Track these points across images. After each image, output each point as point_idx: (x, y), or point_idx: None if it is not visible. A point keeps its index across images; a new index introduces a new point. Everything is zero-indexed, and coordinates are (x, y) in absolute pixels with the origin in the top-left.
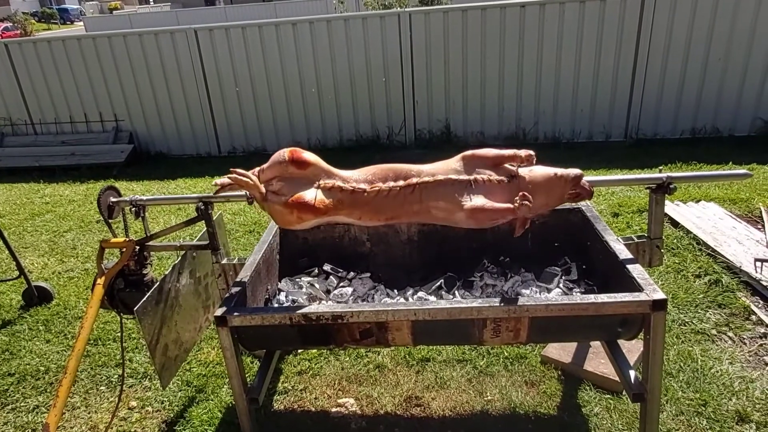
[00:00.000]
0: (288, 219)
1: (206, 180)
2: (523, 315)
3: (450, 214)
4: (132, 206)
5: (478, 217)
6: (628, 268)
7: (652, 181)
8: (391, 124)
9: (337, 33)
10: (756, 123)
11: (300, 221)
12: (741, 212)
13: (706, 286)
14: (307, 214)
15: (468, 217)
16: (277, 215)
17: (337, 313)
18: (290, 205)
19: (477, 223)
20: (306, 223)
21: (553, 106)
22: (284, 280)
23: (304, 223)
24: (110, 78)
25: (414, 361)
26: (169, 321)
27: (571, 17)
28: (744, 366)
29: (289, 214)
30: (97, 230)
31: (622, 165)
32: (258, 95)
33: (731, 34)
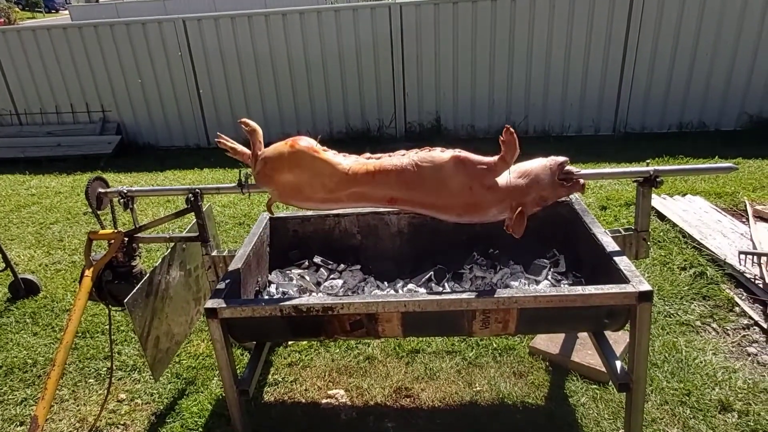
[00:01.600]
0: (281, 152)
1: (195, 172)
2: (511, 306)
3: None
4: (121, 197)
5: (464, 162)
6: (615, 260)
7: (640, 175)
8: (382, 116)
9: (327, 23)
10: (742, 118)
11: (293, 156)
12: (726, 206)
13: (691, 279)
14: (300, 145)
15: (455, 163)
16: (271, 160)
17: (327, 305)
18: (284, 144)
19: (466, 175)
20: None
21: (543, 100)
22: (275, 272)
23: (300, 195)
24: (97, 68)
25: (404, 353)
26: (160, 313)
27: (561, 11)
28: (727, 356)
29: (282, 145)
30: (84, 222)
31: (610, 158)
32: (248, 87)
33: (719, 29)
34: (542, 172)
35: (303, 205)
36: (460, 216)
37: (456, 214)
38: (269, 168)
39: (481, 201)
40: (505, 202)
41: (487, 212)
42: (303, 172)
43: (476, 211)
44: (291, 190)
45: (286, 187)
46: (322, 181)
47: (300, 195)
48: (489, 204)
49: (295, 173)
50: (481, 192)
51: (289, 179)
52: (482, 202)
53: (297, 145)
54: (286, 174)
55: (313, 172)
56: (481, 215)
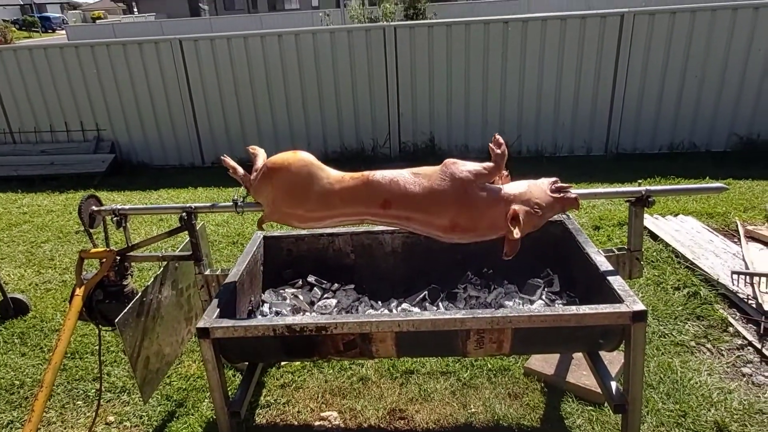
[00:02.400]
0: (284, 157)
1: (189, 190)
2: (506, 326)
3: None
4: (114, 216)
5: (456, 164)
6: (609, 279)
7: (632, 195)
8: (376, 136)
9: (322, 45)
10: (732, 139)
11: (295, 160)
12: (718, 226)
13: (684, 299)
14: None
15: (448, 165)
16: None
17: (320, 325)
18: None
19: (460, 175)
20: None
21: (536, 120)
22: (268, 291)
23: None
24: (92, 87)
25: (398, 374)
26: (151, 333)
27: (552, 33)
28: (722, 377)
29: (285, 152)
30: (76, 241)
31: (603, 178)
32: (243, 106)
33: (707, 52)
34: (534, 185)
35: (296, 214)
36: (455, 224)
37: (449, 220)
38: (271, 172)
39: (475, 202)
40: (499, 206)
41: (482, 216)
42: (302, 176)
43: (471, 214)
44: (288, 195)
45: (284, 193)
46: (320, 183)
47: (295, 201)
48: (483, 205)
49: (294, 177)
50: (475, 193)
51: (288, 183)
52: (476, 204)
53: (299, 152)
54: (286, 177)
55: (312, 177)
56: (475, 220)
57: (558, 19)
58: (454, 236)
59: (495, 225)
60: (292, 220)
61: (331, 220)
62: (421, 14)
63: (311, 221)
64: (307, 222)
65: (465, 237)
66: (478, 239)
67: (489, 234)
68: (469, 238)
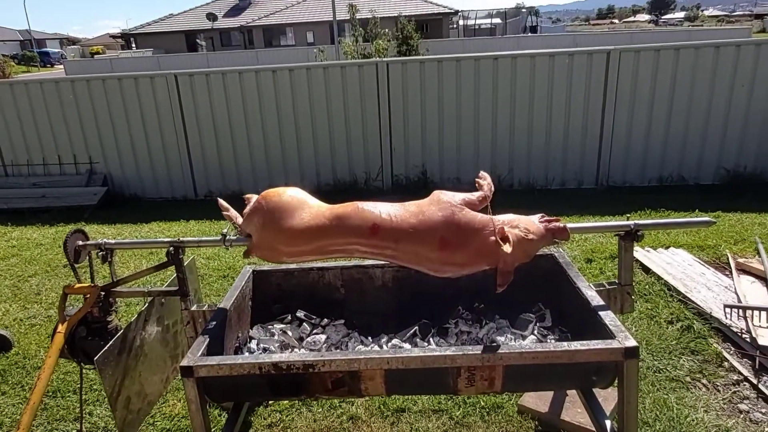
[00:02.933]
0: (277, 189)
1: (181, 224)
2: (497, 363)
3: None
4: (100, 250)
5: (445, 193)
6: (600, 314)
7: (621, 229)
8: (369, 169)
9: (316, 80)
10: (719, 172)
11: (288, 191)
12: (709, 258)
13: (678, 333)
14: None
15: (437, 193)
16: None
17: (308, 362)
18: None
19: (448, 200)
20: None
21: (527, 154)
22: (256, 327)
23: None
24: (87, 121)
25: (389, 412)
26: (133, 371)
27: (541, 69)
28: (719, 414)
29: None
30: (64, 275)
31: (594, 211)
32: (236, 140)
33: (692, 87)
34: (523, 216)
35: (284, 244)
36: (444, 244)
37: (439, 242)
38: (262, 201)
39: (464, 226)
40: (488, 230)
41: (472, 239)
42: (292, 204)
43: (460, 237)
44: (276, 224)
45: (273, 222)
46: (310, 211)
47: (284, 230)
48: (472, 229)
49: (284, 205)
50: (463, 217)
51: (277, 211)
52: (465, 227)
53: (290, 187)
54: (276, 205)
55: (302, 205)
56: (464, 243)
57: (547, 55)
58: (445, 267)
59: (485, 249)
60: (280, 249)
61: (319, 250)
62: (413, 50)
63: (299, 254)
64: (294, 254)
65: (455, 265)
66: (468, 268)
67: (479, 262)
68: (458, 265)
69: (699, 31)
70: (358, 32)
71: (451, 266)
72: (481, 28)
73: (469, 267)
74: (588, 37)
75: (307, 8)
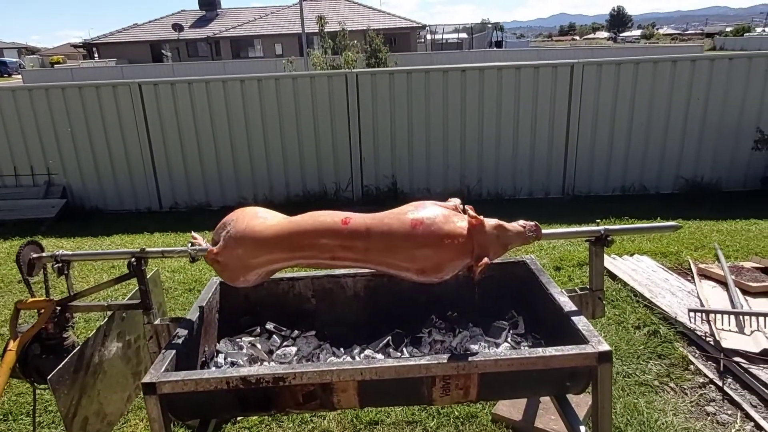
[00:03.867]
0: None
1: (145, 236)
2: (472, 371)
3: None
4: (55, 262)
5: None
6: (573, 320)
7: (591, 234)
8: (339, 179)
9: (285, 91)
10: (678, 181)
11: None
12: (672, 265)
13: (645, 337)
14: None
15: None
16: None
17: (278, 375)
18: None
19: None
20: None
21: (495, 164)
22: (223, 340)
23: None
24: (45, 131)
25: (362, 425)
26: (91, 390)
27: (508, 81)
28: (687, 417)
29: None
30: (18, 291)
31: (561, 220)
32: (203, 150)
33: (651, 100)
34: (500, 227)
35: (253, 248)
36: (416, 223)
37: (411, 227)
38: (228, 218)
39: (436, 213)
40: (460, 218)
41: (444, 224)
42: (257, 213)
43: (431, 222)
44: (243, 235)
45: (241, 232)
46: (275, 218)
47: (251, 228)
48: (444, 217)
49: (250, 213)
50: (435, 207)
51: (247, 217)
52: (437, 215)
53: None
54: (243, 216)
55: (267, 213)
56: (436, 226)
57: (513, 68)
58: (418, 254)
59: (460, 239)
60: (249, 256)
61: (289, 249)
62: (382, 63)
63: (267, 262)
64: (263, 263)
65: (428, 256)
66: (441, 262)
67: (452, 255)
68: (432, 254)
69: (655, 47)
70: (327, 44)
71: (423, 259)
72: (448, 42)
73: (442, 259)
74: (551, 51)
75: (276, 20)
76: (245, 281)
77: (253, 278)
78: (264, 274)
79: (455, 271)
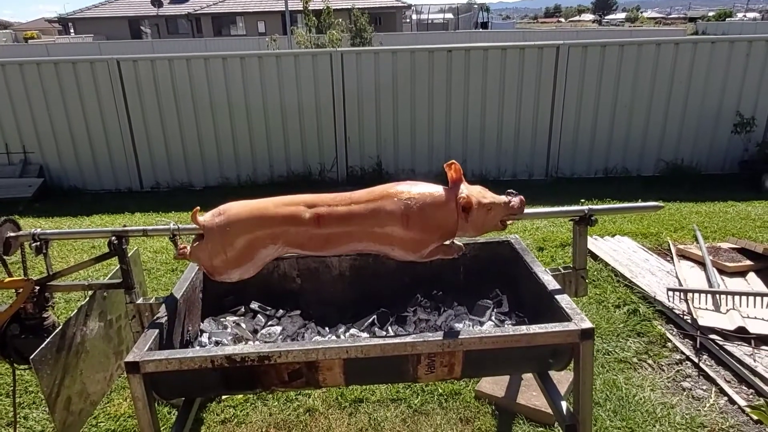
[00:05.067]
0: None
1: (125, 216)
2: (457, 348)
3: None
4: (33, 241)
5: None
6: (557, 298)
7: (575, 214)
8: (323, 160)
9: (269, 69)
10: (659, 164)
11: None
12: (652, 245)
13: (625, 316)
14: None
15: None
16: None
17: (263, 354)
18: None
19: None
20: None
21: (480, 146)
22: (207, 320)
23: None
24: (20, 108)
25: (347, 403)
26: (73, 370)
27: (493, 63)
28: (664, 392)
29: None
30: None
31: (544, 201)
32: (185, 129)
33: (635, 83)
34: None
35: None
36: (397, 188)
37: (394, 186)
38: (224, 211)
39: (420, 183)
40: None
41: (426, 187)
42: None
43: (418, 193)
44: (230, 211)
45: (226, 214)
46: (264, 202)
47: (236, 211)
48: (425, 185)
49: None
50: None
51: (232, 206)
52: (421, 183)
53: None
54: (230, 204)
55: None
56: (420, 187)
57: (499, 49)
58: (403, 229)
59: (441, 196)
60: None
61: (272, 225)
62: (367, 43)
63: (253, 241)
64: (247, 244)
65: (414, 217)
66: (427, 224)
67: (439, 214)
68: (418, 217)
69: (639, 30)
70: (311, 22)
71: (410, 217)
72: (434, 22)
73: (428, 221)
74: (537, 33)
75: None
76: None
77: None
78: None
79: (439, 229)
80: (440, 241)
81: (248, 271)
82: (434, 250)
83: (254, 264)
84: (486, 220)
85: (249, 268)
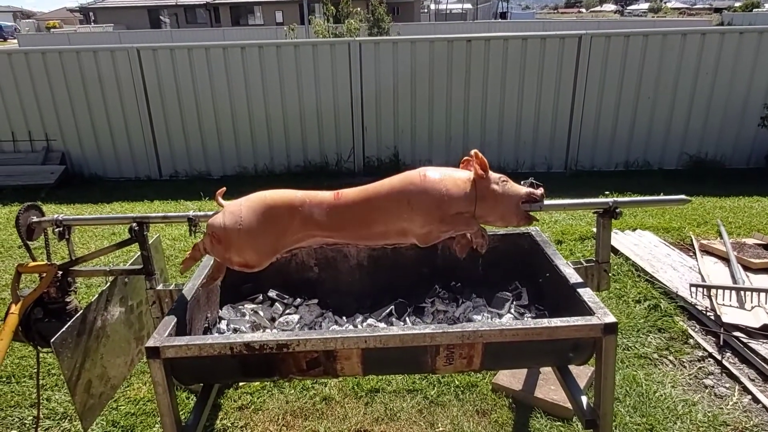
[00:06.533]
0: None
1: (145, 204)
2: (477, 341)
3: None
4: (56, 227)
5: None
6: (579, 291)
7: (600, 206)
8: (340, 150)
9: (287, 59)
10: (682, 158)
11: None
12: (674, 240)
13: (646, 311)
14: None
15: None
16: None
17: (282, 342)
18: None
19: None
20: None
21: (498, 137)
22: (226, 307)
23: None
24: (43, 96)
25: (363, 392)
26: (94, 354)
27: (514, 53)
28: (685, 389)
29: None
30: (19, 256)
31: (564, 194)
32: (203, 118)
33: (659, 74)
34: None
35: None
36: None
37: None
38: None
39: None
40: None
41: (445, 172)
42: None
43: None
44: (256, 207)
45: (251, 207)
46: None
47: (259, 199)
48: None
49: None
50: None
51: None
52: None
53: None
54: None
55: None
56: (439, 172)
57: (519, 39)
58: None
59: (460, 178)
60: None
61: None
62: (385, 33)
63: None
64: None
65: (427, 198)
66: (444, 202)
67: (456, 191)
68: (433, 197)
69: (663, 21)
70: (329, 12)
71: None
72: (453, 12)
73: (446, 200)
74: (557, 24)
75: None
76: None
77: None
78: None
79: (455, 221)
80: (461, 210)
81: (267, 255)
82: (456, 222)
83: (274, 246)
84: (505, 193)
85: (268, 251)
